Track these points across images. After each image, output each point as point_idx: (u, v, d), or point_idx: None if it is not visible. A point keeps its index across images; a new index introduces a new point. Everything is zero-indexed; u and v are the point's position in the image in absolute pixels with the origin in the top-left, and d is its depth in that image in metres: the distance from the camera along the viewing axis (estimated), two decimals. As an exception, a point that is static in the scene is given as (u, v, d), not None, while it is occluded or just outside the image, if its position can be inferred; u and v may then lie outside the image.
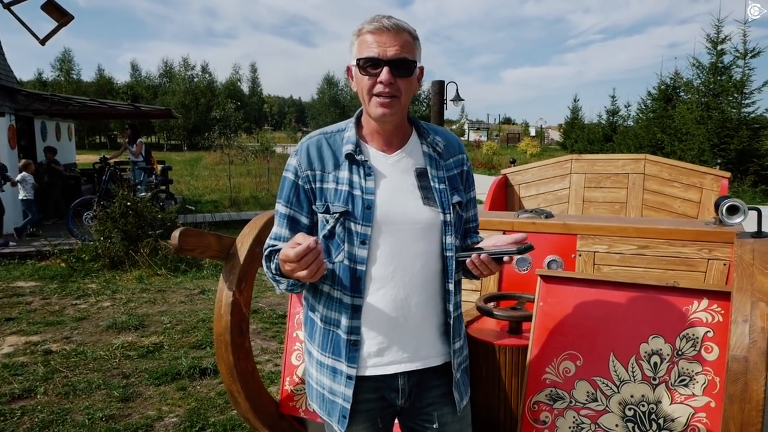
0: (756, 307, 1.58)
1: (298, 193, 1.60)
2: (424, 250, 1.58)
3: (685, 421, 1.92)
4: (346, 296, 1.56)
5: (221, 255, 2.38)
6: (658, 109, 20.03)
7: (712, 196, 4.53)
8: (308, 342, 1.71)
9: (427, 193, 1.59)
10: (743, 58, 14.13)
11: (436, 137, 1.68)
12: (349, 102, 57.57)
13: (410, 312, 1.57)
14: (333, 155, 1.60)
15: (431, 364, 1.62)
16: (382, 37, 1.50)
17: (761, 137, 14.16)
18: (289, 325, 2.63)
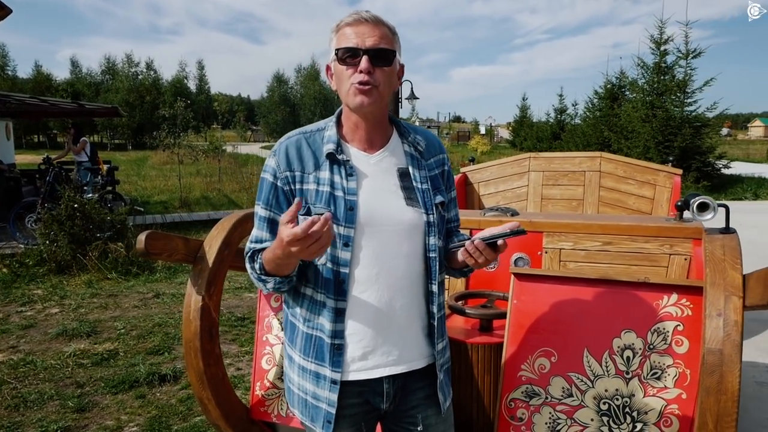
0: (729, 301, 1.63)
1: (278, 195, 1.56)
2: (408, 251, 1.56)
3: (658, 413, 1.97)
4: (329, 299, 1.52)
5: (189, 258, 2.30)
6: (605, 108, 20.61)
7: (665, 192, 4.68)
8: (289, 347, 1.67)
9: (410, 194, 1.57)
10: (685, 58, 14.69)
11: (417, 136, 1.66)
12: (299, 100, 57.10)
13: (395, 314, 1.55)
14: (313, 155, 1.56)
15: (416, 366, 1.60)
16: (361, 28, 1.49)
17: (702, 135, 14.76)
18: (259, 328, 2.58)
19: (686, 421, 1.95)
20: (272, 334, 2.54)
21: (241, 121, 50.29)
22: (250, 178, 16.86)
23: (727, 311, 1.62)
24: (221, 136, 27.30)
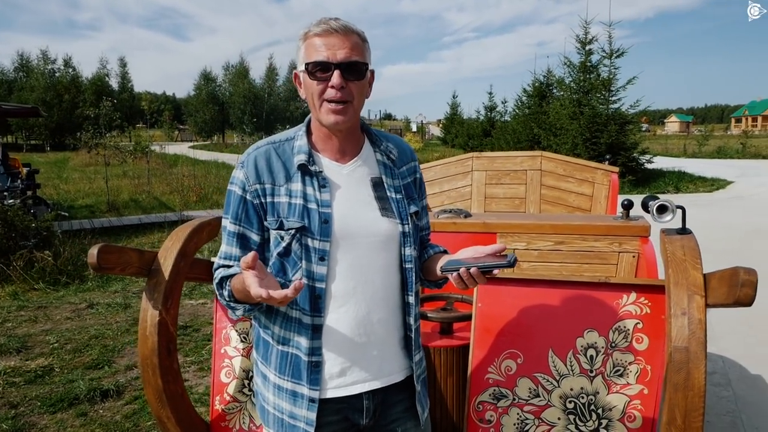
0: (692, 300, 1.69)
1: (247, 209, 1.50)
2: (384, 263, 1.54)
3: (622, 409, 2.03)
4: (305, 316, 1.48)
5: (143, 271, 2.19)
6: (534, 106, 21.24)
7: (603, 189, 4.84)
8: (262, 365, 1.60)
9: (384, 204, 1.54)
10: (609, 57, 15.33)
11: (389, 144, 1.63)
12: (227, 99, 55.74)
13: (373, 328, 1.52)
14: (283, 166, 1.50)
15: (395, 380, 1.58)
16: (331, 40, 1.43)
17: (626, 131, 15.46)
18: (216, 340, 2.49)
19: (648, 416, 2.02)
20: (231, 346, 2.46)
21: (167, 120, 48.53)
22: (180, 179, 16.34)
23: (691, 310, 1.68)
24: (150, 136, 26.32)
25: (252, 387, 2.39)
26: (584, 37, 16.35)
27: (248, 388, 2.40)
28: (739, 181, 16.94)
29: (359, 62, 1.45)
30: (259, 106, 53.37)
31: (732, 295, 1.54)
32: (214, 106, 55.80)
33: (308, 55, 1.46)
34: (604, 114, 15.19)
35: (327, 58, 1.42)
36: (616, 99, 15.46)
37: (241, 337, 2.44)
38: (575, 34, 16.42)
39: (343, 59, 1.42)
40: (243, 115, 52.47)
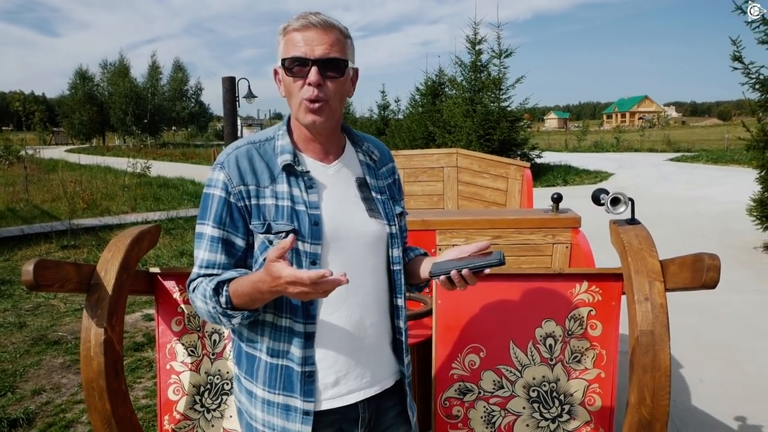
0: (653, 286, 1.80)
1: (232, 212, 1.40)
2: (373, 265, 1.50)
3: (582, 393, 2.12)
4: (297, 324, 1.41)
5: (82, 287, 2.01)
6: (427, 104, 21.73)
7: (516, 184, 5.04)
8: (248, 381, 1.50)
9: (371, 205, 1.50)
10: (498, 57, 16.02)
11: (370, 145, 1.60)
12: (107, 98, 52.44)
13: (366, 333, 1.48)
14: (267, 167, 1.42)
15: (387, 385, 1.54)
16: (309, 35, 1.36)
17: (517, 128, 16.24)
18: (160, 356, 2.33)
19: (607, 398, 2.12)
20: (177, 361, 2.31)
21: (39, 122, 44.79)
22: (64, 185, 15.18)
23: (653, 295, 1.79)
24: (22, 140, 24.22)
25: (204, 403, 2.26)
26: (474, 37, 16.98)
27: (200, 404, 2.26)
28: (619, 173, 18.33)
29: (338, 59, 1.38)
30: (142, 107, 50.61)
31: (698, 280, 1.65)
32: (92, 106, 52.28)
33: (286, 50, 1.39)
34: (496, 111, 15.85)
35: (304, 54, 1.36)
36: (506, 97, 16.20)
37: (189, 351, 2.30)
38: (465, 35, 17.01)
39: (321, 55, 1.36)
40: (125, 116, 49.62)
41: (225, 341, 2.28)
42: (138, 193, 14.64)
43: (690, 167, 19.80)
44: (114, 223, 10.72)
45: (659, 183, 15.45)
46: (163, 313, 2.33)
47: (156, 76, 53.46)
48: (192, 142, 52.76)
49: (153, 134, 51.95)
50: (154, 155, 27.78)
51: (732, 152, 23.31)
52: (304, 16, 1.39)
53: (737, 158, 20.78)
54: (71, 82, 54.12)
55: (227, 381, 2.26)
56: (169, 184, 16.81)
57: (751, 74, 7.43)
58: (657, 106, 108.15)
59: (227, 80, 9.81)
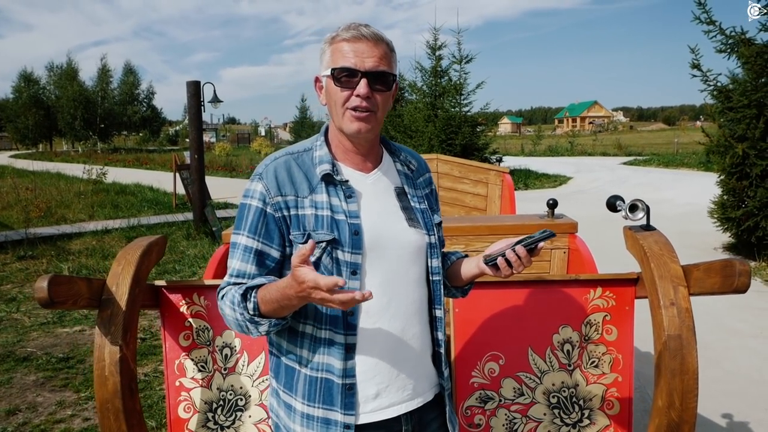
0: (677, 291, 1.83)
1: (267, 223, 1.40)
2: (413, 275, 1.48)
3: (601, 398, 2.15)
4: (337, 335, 1.38)
5: (93, 303, 1.92)
6: (388, 109, 21.80)
7: (496, 189, 5.09)
8: (286, 394, 1.47)
9: (410, 214, 1.49)
10: (459, 63, 16.16)
11: (407, 156, 1.59)
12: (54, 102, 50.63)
13: (407, 345, 1.46)
14: (305, 177, 1.42)
15: (428, 398, 1.52)
16: (360, 46, 1.37)
17: (478, 133, 16.42)
18: (168, 373, 2.25)
19: (625, 402, 2.15)
20: (187, 377, 2.23)
21: (-19, 126, 42.73)
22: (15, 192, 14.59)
23: (678, 300, 1.82)
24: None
25: (217, 420, 2.19)
26: (434, 43, 17.10)
27: (213, 421, 2.19)
28: (577, 177, 18.78)
29: (387, 72, 1.39)
30: (91, 111, 49.04)
31: (728, 285, 1.69)
32: (38, 110, 50.37)
33: (334, 60, 1.39)
34: (458, 116, 15.99)
35: (355, 65, 1.36)
36: (467, 102, 16.36)
37: (199, 366, 2.23)
38: (425, 40, 17.11)
39: (371, 68, 1.36)
40: (73, 121, 47.99)
41: (237, 355, 2.22)
42: (95, 201, 14.17)
43: (644, 171, 20.45)
44: (72, 231, 10.34)
45: (617, 186, 15.87)
46: (170, 328, 2.26)
47: (106, 80, 51.90)
48: (145, 147, 51.47)
49: (103, 139, 50.41)
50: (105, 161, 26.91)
51: (682, 156, 24.18)
52: (354, 27, 1.39)
53: (687, 162, 21.57)
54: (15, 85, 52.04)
55: (241, 396, 2.20)
56: (126, 191, 16.34)
57: (709, 81, 7.71)
58: (606, 111, 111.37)
59: (192, 85, 9.63)
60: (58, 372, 4.47)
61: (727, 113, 7.37)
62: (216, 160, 29.12)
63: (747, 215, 7.28)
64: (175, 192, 14.36)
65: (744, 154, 7.12)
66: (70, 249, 9.04)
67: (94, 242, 9.54)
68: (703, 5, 7.52)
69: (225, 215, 12.41)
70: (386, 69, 1.39)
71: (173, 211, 13.27)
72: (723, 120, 7.55)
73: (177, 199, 14.26)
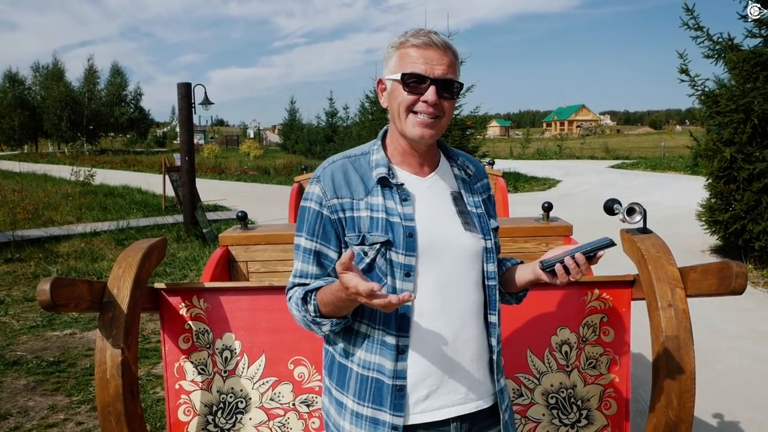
0: (675, 293, 1.86)
1: (324, 225, 1.43)
2: (469, 279, 1.47)
3: (599, 398, 2.17)
4: (389, 336, 1.40)
5: (94, 306, 1.92)
6: (378, 111, 21.83)
7: (489, 192, 5.10)
8: (338, 392, 1.49)
9: (466, 218, 1.49)
10: (448, 67, 16.26)
11: (465, 160, 1.60)
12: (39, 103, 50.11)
13: (461, 348, 1.45)
14: (361, 180, 1.45)
15: (482, 406, 1.49)
16: (429, 53, 1.39)
17: (468, 136, 16.50)
18: (168, 375, 2.24)
19: (622, 402, 2.18)
20: (187, 380, 2.23)
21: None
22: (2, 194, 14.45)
23: (675, 302, 1.85)
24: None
25: (218, 423, 2.19)
26: (424, 46, 17.18)
27: (214, 424, 2.19)
28: (566, 180, 18.91)
29: (454, 80, 1.42)
30: (78, 112, 48.62)
31: (725, 286, 1.72)
32: (23, 111, 49.87)
33: (403, 64, 1.41)
34: (449, 119, 16.09)
35: (424, 72, 1.38)
36: (457, 105, 16.43)
37: (199, 369, 2.23)
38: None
39: (440, 75, 1.39)
40: (60, 122, 47.55)
41: (237, 358, 2.22)
42: (83, 203, 14.07)
43: (631, 174, 20.63)
44: (60, 234, 10.26)
45: (606, 189, 16.03)
46: (170, 331, 2.26)
47: (93, 81, 51.52)
48: (132, 149, 51.11)
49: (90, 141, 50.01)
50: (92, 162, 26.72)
51: (669, 160, 24.41)
52: (425, 34, 1.41)
53: (674, 165, 21.79)
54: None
55: (241, 399, 2.20)
56: (115, 193, 16.25)
57: (697, 86, 7.81)
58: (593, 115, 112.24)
59: (183, 86, 9.60)
60: (49, 376, 4.44)
61: (715, 117, 7.47)
62: (205, 162, 29.01)
63: (734, 218, 7.37)
64: (164, 194, 14.29)
65: (731, 158, 7.21)
66: (58, 251, 8.96)
67: (82, 245, 9.48)
68: (691, 11, 7.62)
69: (215, 217, 12.38)
70: (453, 77, 1.41)
71: (162, 214, 13.19)
72: (711, 124, 7.65)
73: (166, 202, 14.20)
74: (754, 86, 7.01)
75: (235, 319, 2.23)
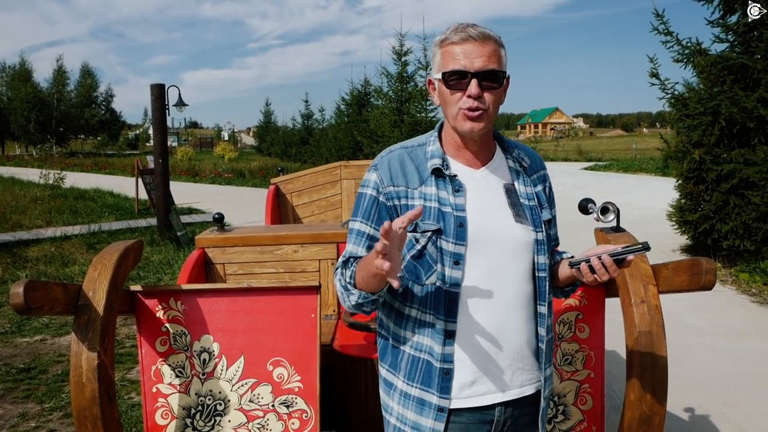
0: (648, 290, 1.90)
1: (380, 210, 1.49)
2: (518, 270, 1.50)
3: (575, 394, 2.21)
4: (439, 321, 1.44)
5: (69, 309, 1.89)
6: (353, 114, 21.83)
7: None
8: (390, 372, 1.56)
9: (518, 210, 1.52)
10: (425, 69, 16.29)
11: (521, 152, 1.62)
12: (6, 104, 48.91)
13: (507, 337, 1.48)
14: (416, 170, 1.50)
15: (525, 392, 1.53)
16: (468, 47, 1.42)
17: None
18: (145, 379, 2.22)
19: (597, 397, 2.22)
20: (165, 383, 2.21)
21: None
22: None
23: (648, 298, 1.89)
24: None
25: (196, 426, 2.18)
26: (400, 48, 17.22)
27: (192, 427, 2.18)
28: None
29: (496, 70, 1.43)
30: (47, 113, 47.65)
31: (696, 282, 1.76)
32: (-6, 109, 48.66)
33: (444, 63, 1.45)
34: (424, 121, 16.12)
35: (464, 67, 1.41)
36: (433, 108, 16.49)
37: (176, 372, 2.21)
38: (391, 46, 17.22)
39: (480, 68, 1.41)
40: (27, 124, 46.55)
41: (216, 360, 2.21)
42: (52, 206, 13.78)
43: (604, 176, 20.96)
44: (29, 238, 10.05)
45: (580, 191, 16.23)
46: (146, 334, 2.24)
47: (62, 81, 50.55)
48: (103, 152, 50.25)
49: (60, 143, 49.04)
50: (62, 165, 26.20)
51: (640, 161, 24.85)
52: (462, 29, 1.44)
53: (645, 167, 22.18)
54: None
55: (220, 401, 2.19)
56: (86, 196, 15.96)
57: (667, 90, 7.97)
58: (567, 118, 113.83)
59: (156, 88, 9.49)
60: (19, 383, 4.34)
61: (684, 120, 7.63)
62: (178, 164, 28.64)
63: (703, 218, 7.54)
64: (137, 197, 14.10)
65: (700, 160, 7.37)
66: (27, 256, 8.78)
67: (52, 249, 9.29)
68: (661, 16, 7.78)
69: (190, 220, 12.25)
70: (495, 67, 1.42)
71: (136, 217, 13.02)
72: (680, 127, 7.81)
73: (139, 205, 14.00)
74: (722, 90, 7.17)
75: (213, 321, 2.22)
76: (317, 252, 3.16)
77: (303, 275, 3.16)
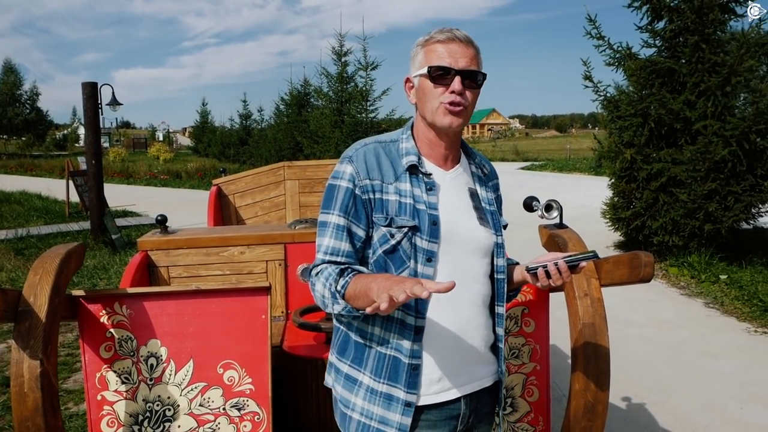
0: (590, 283, 1.99)
1: (356, 203, 1.49)
2: (480, 271, 1.57)
3: (522, 386, 2.28)
4: (408, 317, 1.46)
5: (9, 315, 1.82)
6: (293, 114, 21.65)
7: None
8: (353, 368, 1.55)
9: (481, 214, 1.59)
10: (365, 69, 16.32)
11: (481, 159, 1.70)
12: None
13: (471, 334, 1.54)
14: (391, 165, 1.52)
15: (485, 384, 1.60)
16: (453, 47, 1.49)
17: (385, 140, 16.71)
18: (89, 386, 2.15)
19: (543, 388, 2.30)
20: (110, 390, 2.14)
21: None
22: None
23: (591, 291, 1.98)
24: None
25: (143, 431, 2.12)
26: (339, 49, 17.21)
27: (140, 433, 2.12)
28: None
29: (478, 72, 1.50)
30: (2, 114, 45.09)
31: (635, 275, 1.86)
32: None
33: (429, 59, 1.50)
34: (364, 122, 16.16)
35: (449, 64, 1.47)
36: (373, 108, 16.56)
37: (123, 378, 2.15)
38: (331, 46, 17.18)
39: (464, 67, 1.48)
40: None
41: (164, 365, 2.16)
42: (-26, 210, 13.08)
43: (540, 175, 21.57)
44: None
45: (517, 190, 16.64)
46: (89, 340, 2.16)
47: (-23, 80, 47.94)
48: (29, 153, 47.90)
49: (-20, 144, 46.47)
50: (-17, 167, 24.86)
51: (574, 161, 25.71)
52: (448, 30, 1.51)
53: (579, 167, 22.98)
54: None
55: (169, 407, 2.14)
56: (11, 199, 15.19)
57: (600, 92, 8.30)
58: (504, 119, 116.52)
59: (88, 86, 9.15)
60: (-51, 396, 4.10)
61: (616, 121, 7.96)
62: (111, 165, 27.62)
63: (635, 215, 7.88)
64: (68, 200, 13.52)
65: (632, 159, 7.70)
66: (-50, 263, 8.28)
67: (-24, 255, 8.80)
68: (593, 21, 8.09)
69: (125, 224, 11.85)
70: (477, 68, 1.50)
71: (67, 220, 12.48)
72: (612, 128, 8.15)
73: (70, 208, 13.43)
74: (651, 92, 7.52)
75: (161, 325, 2.17)
76: (264, 253, 3.13)
77: (250, 277, 3.13)
